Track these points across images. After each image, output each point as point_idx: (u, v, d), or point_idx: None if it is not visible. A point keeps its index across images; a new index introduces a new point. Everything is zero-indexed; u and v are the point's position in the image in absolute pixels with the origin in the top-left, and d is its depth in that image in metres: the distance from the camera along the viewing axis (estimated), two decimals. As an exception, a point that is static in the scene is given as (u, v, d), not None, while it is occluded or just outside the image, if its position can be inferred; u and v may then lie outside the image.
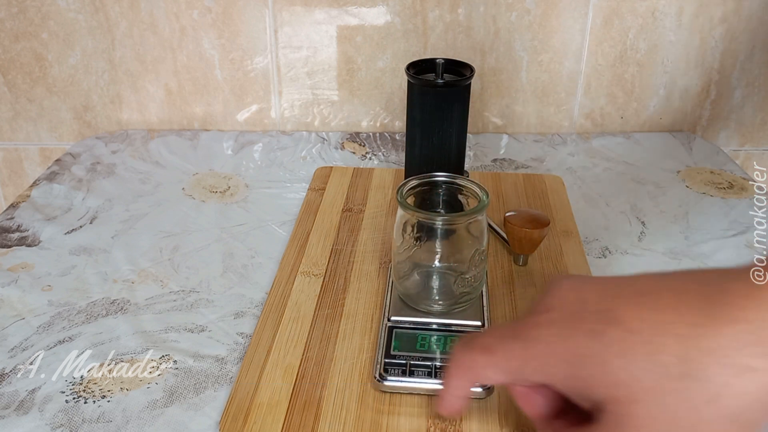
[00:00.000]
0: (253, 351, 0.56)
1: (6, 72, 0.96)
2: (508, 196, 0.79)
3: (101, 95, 0.98)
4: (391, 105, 0.99)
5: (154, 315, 0.62)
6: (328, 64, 0.96)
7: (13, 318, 0.61)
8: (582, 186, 0.84)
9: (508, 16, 0.92)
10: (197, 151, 0.93)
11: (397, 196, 0.55)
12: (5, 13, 0.93)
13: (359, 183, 0.82)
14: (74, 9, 0.92)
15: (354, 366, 0.54)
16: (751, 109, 0.99)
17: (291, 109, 0.99)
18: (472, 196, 0.57)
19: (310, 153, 0.93)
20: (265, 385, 0.52)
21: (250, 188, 0.84)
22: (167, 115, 1.00)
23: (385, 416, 0.50)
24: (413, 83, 0.65)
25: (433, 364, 0.52)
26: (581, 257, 0.68)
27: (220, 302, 0.64)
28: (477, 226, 0.55)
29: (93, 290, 0.65)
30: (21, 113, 1.00)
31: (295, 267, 0.66)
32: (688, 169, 0.88)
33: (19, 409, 0.52)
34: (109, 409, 0.52)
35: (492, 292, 0.63)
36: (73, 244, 0.72)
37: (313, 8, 0.92)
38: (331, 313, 0.60)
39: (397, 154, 0.93)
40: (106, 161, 0.90)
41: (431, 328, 0.55)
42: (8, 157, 1.03)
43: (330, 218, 0.75)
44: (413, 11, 0.92)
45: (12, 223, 0.76)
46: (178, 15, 0.93)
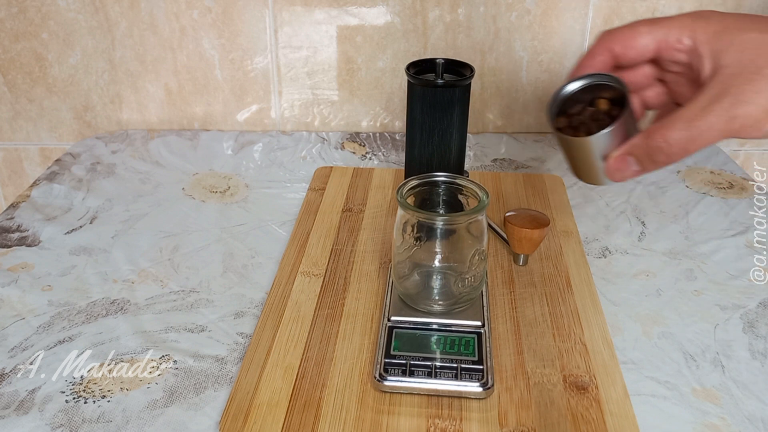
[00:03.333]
0: (253, 351, 0.56)
1: (6, 72, 0.96)
2: (508, 196, 0.79)
3: (101, 95, 0.98)
4: (391, 105, 0.99)
5: (154, 315, 0.62)
6: (328, 64, 0.96)
7: (13, 318, 0.61)
8: (582, 186, 0.84)
9: (508, 16, 0.92)
10: (197, 151, 0.93)
11: (397, 196, 0.55)
12: (5, 13, 0.93)
13: (359, 183, 0.82)
14: (74, 9, 0.92)
15: (354, 366, 0.54)
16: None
17: (291, 109, 0.99)
18: (472, 196, 0.57)
19: (310, 153, 0.93)
20: (265, 385, 0.52)
21: (250, 188, 0.84)
22: (167, 115, 1.00)
23: (385, 416, 0.50)
24: (413, 83, 0.65)
25: (433, 364, 0.52)
26: (581, 257, 0.68)
27: (220, 302, 0.64)
28: (477, 226, 0.55)
29: (93, 290, 0.65)
30: (21, 113, 1.00)
31: (295, 267, 0.66)
32: (688, 169, 0.88)
33: (19, 409, 0.52)
34: (109, 409, 0.52)
35: (492, 292, 0.63)
36: (73, 244, 0.72)
37: (313, 8, 0.92)
38: (331, 313, 0.60)
39: (397, 154, 0.93)
40: (106, 161, 0.90)
41: (431, 328, 0.55)
42: (8, 157, 1.03)
43: (330, 218, 0.75)
44: (413, 11, 0.92)
45: (12, 223, 0.76)
46: (178, 15, 0.93)
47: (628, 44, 0.45)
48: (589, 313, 0.60)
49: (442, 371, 0.51)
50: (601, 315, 0.60)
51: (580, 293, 0.62)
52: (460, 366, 0.52)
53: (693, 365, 0.56)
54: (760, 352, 0.57)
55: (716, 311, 0.62)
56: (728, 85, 0.39)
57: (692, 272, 0.68)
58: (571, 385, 0.52)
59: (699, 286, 0.66)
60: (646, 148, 0.42)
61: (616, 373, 0.53)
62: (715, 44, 0.40)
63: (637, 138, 0.43)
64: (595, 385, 0.52)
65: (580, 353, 0.55)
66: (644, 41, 0.44)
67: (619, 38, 0.45)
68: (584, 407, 0.50)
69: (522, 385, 0.52)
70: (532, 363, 0.54)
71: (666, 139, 0.40)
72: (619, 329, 0.60)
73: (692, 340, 0.59)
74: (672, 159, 0.41)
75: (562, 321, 0.59)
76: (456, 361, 0.52)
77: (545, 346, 0.56)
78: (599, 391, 0.52)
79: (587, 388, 0.52)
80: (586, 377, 0.53)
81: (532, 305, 0.61)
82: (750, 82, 0.38)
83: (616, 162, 0.44)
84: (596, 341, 0.57)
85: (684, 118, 0.40)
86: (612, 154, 0.44)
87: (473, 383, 0.50)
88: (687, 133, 0.40)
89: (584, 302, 0.61)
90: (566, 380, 0.53)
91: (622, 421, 0.49)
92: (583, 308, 0.61)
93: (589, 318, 0.59)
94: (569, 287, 0.63)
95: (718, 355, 0.57)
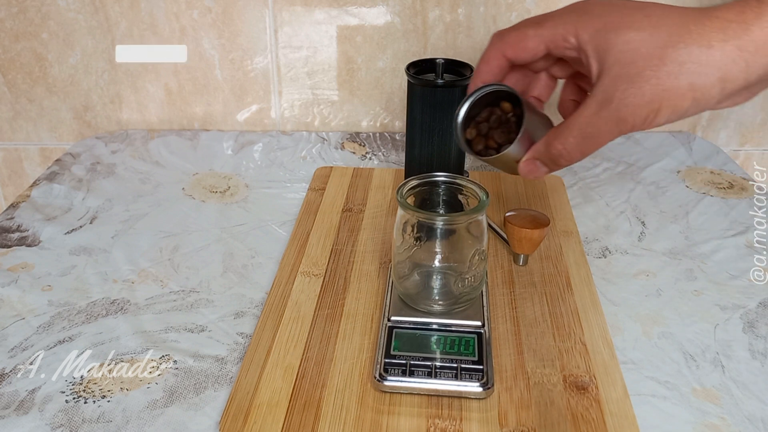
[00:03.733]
0: (253, 351, 0.56)
1: (6, 72, 0.96)
2: (508, 196, 0.79)
3: (101, 95, 0.98)
4: (391, 105, 0.99)
5: (154, 315, 0.62)
6: (328, 64, 0.96)
7: (13, 318, 0.61)
8: (582, 186, 0.84)
9: (508, 16, 0.92)
10: (197, 151, 0.93)
11: (397, 196, 0.55)
12: (5, 13, 0.93)
13: (359, 183, 0.82)
14: (74, 9, 0.92)
15: (354, 366, 0.54)
16: (751, 109, 0.99)
17: (291, 109, 0.99)
18: (472, 196, 0.57)
19: (310, 153, 0.93)
20: (265, 385, 0.52)
21: (250, 188, 0.84)
22: (167, 115, 1.00)
23: (385, 416, 0.50)
24: (413, 83, 0.65)
25: (433, 364, 0.52)
26: (581, 257, 0.68)
27: (220, 302, 0.64)
28: (477, 226, 0.55)
29: (93, 290, 0.65)
30: (21, 113, 1.00)
31: (295, 267, 0.66)
32: (688, 169, 0.88)
33: (19, 409, 0.52)
34: (109, 409, 0.52)
35: (492, 292, 0.63)
36: (73, 244, 0.72)
37: (313, 8, 0.92)
38: (331, 313, 0.60)
39: (397, 154, 0.93)
40: (106, 161, 0.90)
41: (431, 328, 0.55)
42: (8, 157, 1.03)
43: (330, 218, 0.75)
44: (413, 11, 0.92)
45: (12, 223, 0.76)
46: (178, 15, 0.93)
47: (518, 48, 0.47)
48: (589, 313, 0.60)
49: (442, 371, 0.51)
50: (601, 315, 0.60)
51: (580, 293, 0.63)
52: (460, 366, 0.52)
53: (693, 365, 0.56)
54: (760, 352, 0.57)
55: (716, 311, 0.62)
56: (613, 89, 0.41)
57: (692, 272, 0.68)
58: (571, 385, 0.52)
59: (699, 286, 0.66)
60: (548, 155, 0.46)
61: (616, 373, 0.53)
62: (597, 43, 0.42)
63: (540, 145, 0.47)
64: (595, 385, 0.52)
65: (580, 353, 0.55)
66: (533, 44, 0.46)
67: (509, 43, 0.47)
68: (584, 407, 0.50)
69: (522, 385, 0.52)
70: (532, 363, 0.54)
71: (564, 146, 0.45)
72: (619, 329, 0.60)
73: (692, 340, 0.59)
74: (574, 161, 0.45)
75: (562, 321, 0.59)
76: (456, 361, 0.52)
77: (545, 346, 0.56)
78: (599, 391, 0.52)
79: (587, 388, 0.52)
80: (586, 377, 0.53)
81: (532, 305, 0.61)
82: (632, 84, 0.41)
83: (526, 165, 0.48)
84: (596, 341, 0.57)
85: (578, 125, 0.43)
86: (521, 161, 0.48)
87: (473, 383, 0.50)
88: (582, 140, 0.44)
89: (584, 302, 0.61)
90: (566, 380, 0.53)
91: (622, 421, 0.49)
92: (583, 308, 0.61)
93: (589, 318, 0.59)
94: (569, 287, 0.63)
95: (718, 355, 0.57)
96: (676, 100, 0.40)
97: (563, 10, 0.45)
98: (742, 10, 0.39)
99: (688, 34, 0.40)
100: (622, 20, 0.42)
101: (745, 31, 0.39)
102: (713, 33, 0.39)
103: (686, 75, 0.40)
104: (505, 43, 0.47)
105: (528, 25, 0.46)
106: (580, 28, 0.43)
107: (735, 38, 0.39)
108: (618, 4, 0.43)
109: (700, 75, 0.39)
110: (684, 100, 0.40)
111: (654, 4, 0.42)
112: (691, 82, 0.40)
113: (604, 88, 0.42)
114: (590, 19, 0.43)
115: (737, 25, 0.39)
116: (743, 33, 0.39)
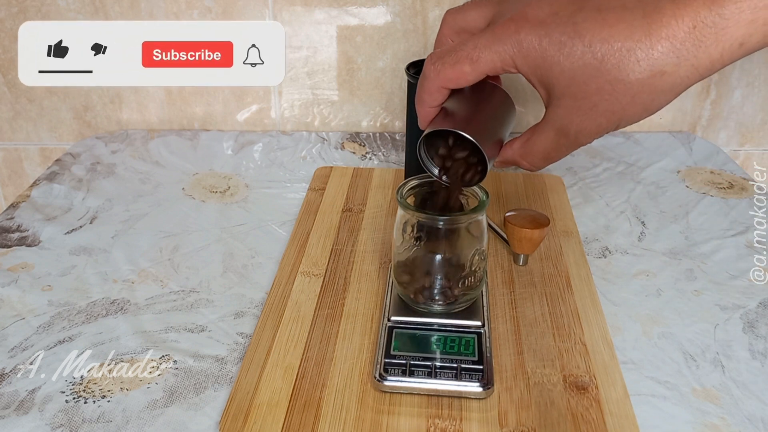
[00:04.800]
0: (253, 351, 0.56)
1: (6, 72, 0.96)
2: (508, 196, 0.79)
3: (101, 95, 0.98)
4: (391, 105, 0.99)
5: (154, 315, 0.62)
6: (328, 64, 0.96)
7: (13, 318, 0.61)
8: (582, 186, 0.84)
9: (508, 16, 0.92)
10: (197, 151, 0.93)
11: (397, 196, 0.55)
12: (5, 13, 0.93)
13: (359, 183, 0.82)
14: (74, 9, 0.92)
15: (354, 366, 0.54)
16: (751, 109, 0.99)
17: (291, 109, 0.99)
18: (472, 196, 0.57)
19: (310, 153, 0.93)
20: (265, 385, 0.52)
21: (250, 188, 0.84)
22: (167, 115, 1.00)
23: (385, 416, 0.50)
24: (413, 83, 0.65)
25: (433, 364, 0.52)
26: (581, 257, 0.68)
27: (220, 302, 0.64)
28: (477, 226, 0.55)
29: (93, 290, 0.65)
30: (21, 113, 1.00)
31: (295, 267, 0.66)
32: (688, 169, 0.88)
33: (19, 409, 0.52)
34: (109, 409, 0.52)
35: (492, 292, 0.63)
36: (73, 244, 0.72)
37: (313, 8, 0.92)
38: (331, 313, 0.60)
39: (397, 154, 0.93)
40: (106, 161, 0.90)
41: (431, 328, 0.55)
42: (8, 157, 1.03)
43: (330, 218, 0.75)
44: (413, 11, 0.92)
45: (12, 223, 0.76)
46: (178, 15, 0.93)
47: (456, 83, 0.47)
48: (589, 313, 0.60)
49: (442, 371, 0.51)
50: (601, 315, 0.60)
51: (580, 293, 0.63)
52: (460, 366, 0.52)
53: (693, 365, 0.56)
54: (760, 352, 0.57)
55: (716, 311, 0.62)
56: (569, 122, 0.43)
57: (692, 272, 0.68)
58: (571, 385, 0.52)
59: (699, 286, 0.66)
60: (516, 164, 0.49)
61: (616, 373, 0.53)
62: (540, 76, 0.43)
63: (509, 154, 0.49)
64: (595, 385, 0.52)
65: (580, 353, 0.55)
66: (471, 78, 0.46)
67: (447, 77, 0.47)
68: (584, 407, 0.50)
69: (522, 385, 0.52)
70: (532, 363, 0.54)
71: (530, 163, 0.49)
72: (619, 329, 0.60)
73: (692, 340, 0.59)
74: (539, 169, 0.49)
75: (562, 321, 0.59)
76: (456, 361, 0.52)
77: (545, 346, 0.56)
78: (599, 391, 0.52)
79: (587, 388, 0.52)
80: (586, 377, 0.53)
81: (532, 305, 0.61)
82: (587, 117, 0.43)
83: (499, 165, 0.51)
84: (596, 341, 0.57)
85: (541, 151, 0.47)
86: (494, 162, 0.50)
87: (473, 383, 0.50)
88: (545, 161, 0.48)
89: (584, 302, 0.61)
90: (566, 380, 0.53)
91: (622, 421, 0.49)
92: (583, 308, 0.61)
93: (589, 318, 0.59)
94: (569, 287, 0.63)
95: (718, 355, 0.57)
96: (632, 118, 0.42)
97: (496, 44, 0.43)
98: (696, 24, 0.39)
99: (636, 63, 0.39)
100: (558, 49, 0.41)
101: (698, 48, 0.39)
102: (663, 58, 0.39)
103: (640, 102, 0.41)
104: (443, 78, 0.47)
105: (462, 60, 0.45)
106: (519, 63, 0.43)
107: (690, 58, 0.39)
108: (550, 30, 0.42)
109: (653, 101, 0.41)
110: (639, 117, 0.42)
111: (591, 25, 0.41)
112: (646, 107, 0.41)
113: (559, 118, 0.44)
114: (527, 56, 0.42)
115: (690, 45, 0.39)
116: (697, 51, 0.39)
